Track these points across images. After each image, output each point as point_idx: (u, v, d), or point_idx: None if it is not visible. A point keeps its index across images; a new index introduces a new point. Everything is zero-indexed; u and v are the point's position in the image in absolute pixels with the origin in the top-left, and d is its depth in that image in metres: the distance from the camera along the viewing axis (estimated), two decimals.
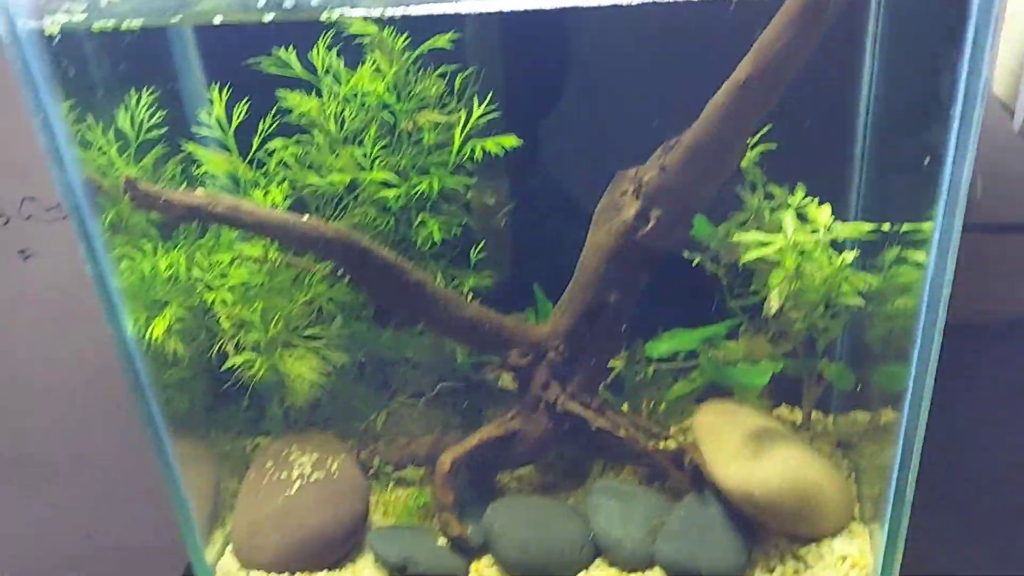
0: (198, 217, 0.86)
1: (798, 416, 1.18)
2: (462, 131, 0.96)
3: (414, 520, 1.09)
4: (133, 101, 0.96)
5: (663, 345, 1.11)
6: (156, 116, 0.97)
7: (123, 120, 0.95)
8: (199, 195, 0.86)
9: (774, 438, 0.98)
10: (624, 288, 0.96)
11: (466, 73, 0.97)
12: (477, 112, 0.95)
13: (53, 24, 0.76)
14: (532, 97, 1.03)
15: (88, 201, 0.82)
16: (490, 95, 0.96)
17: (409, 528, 1.07)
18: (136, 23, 0.81)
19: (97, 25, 0.80)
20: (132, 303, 0.91)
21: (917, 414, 0.84)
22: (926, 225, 0.88)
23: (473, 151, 0.97)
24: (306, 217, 0.89)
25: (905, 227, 0.88)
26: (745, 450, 0.96)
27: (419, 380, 1.12)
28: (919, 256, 0.91)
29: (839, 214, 0.96)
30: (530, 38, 1.01)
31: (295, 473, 1.06)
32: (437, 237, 0.99)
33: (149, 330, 0.92)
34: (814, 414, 1.16)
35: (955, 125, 0.70)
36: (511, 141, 0.94)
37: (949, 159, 0.71)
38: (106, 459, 1.38)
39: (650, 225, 0.91)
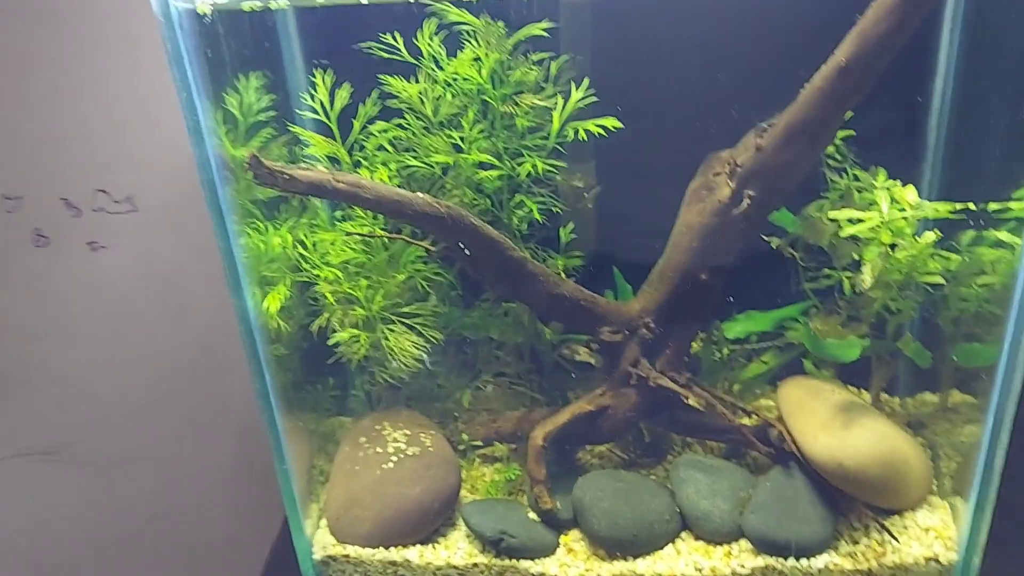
0: (319, 193, 0.90)
1: (866, 397, 1.21)
2: (560, 114, 1.00)
3: (501, 495, 1.13)
4: (243, 84, 1.00)
5: (738, 326, 1.15)
6: (264, 99, 1.01)
7: (232, 103, 0.99)
8: (322, 171, 0.90)
9: (861, 411, 1.01)
10: (714, 267, 1.00)
11: (559, 60, 1.01)
12: (576, 96, 0.99)
13: (203, 4, 0.80)
14: (619, 83, 1.06)
15: (220, 176, 0.85)
16: (585, 81, 0.99)
17: (501, 502, 1.10)
18: (281, 2, 0.84)
19: (246, 4, 0.83)
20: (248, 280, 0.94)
21: (1009, 388, 0.87)
22: (1012, 204, 0.93)
23: (568, 135, 1.01)
24: (420, 195, 0.93)
25: (991, 206, 0.92)
26: (834, 422, 1.00)
27: (503, 359, 1.16)
28: (1001, 235, 0.96)
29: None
30: (617, 25, 1.06)
31: (391, 448, 1.09)
32: (538, 217, 1.03)
33: (265, 305, 0.95)
34: (887, 396, 1.20)
35: None
36: (612, 123, 0.98)
37: None
38: (173, 451, 1.41)
39: (744, 205, 0.95)
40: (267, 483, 1.30)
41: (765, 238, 1.08)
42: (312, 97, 1.01)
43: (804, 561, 0.99)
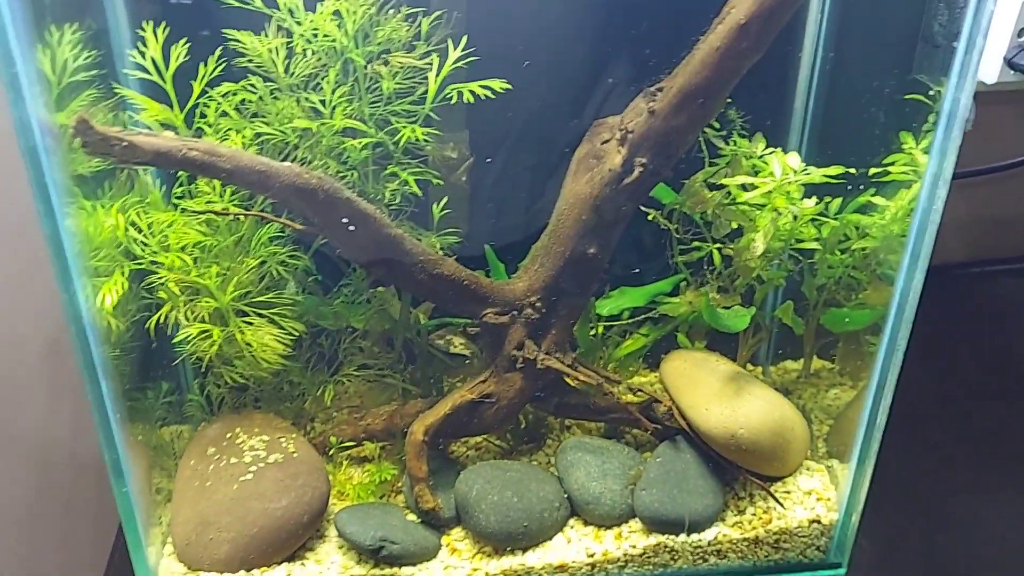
0: (166, 163, 0.76)
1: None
2: (437, 76, 0.91)
3: (373, 498, 1.03)
4: (55, 39, 0.82)
5: (611, 302, 1.11)
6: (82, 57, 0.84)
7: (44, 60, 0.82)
8: (169, 137, 0.75)
9: (748, 381, 1.01)
10: (603, 240, 0.95)
11: (431, 17, 0.92)
12: (454, 55, 0.90)
13: None
14: (496, 42, 0.99)
15: (45, 143, 0.69)
16: (464, 39, 0.91)
17: (376, 506, 1.00)
18: None
19: None
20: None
21: (893, 349, 0.88)
22: (891, 169, 0.95)
23: (451, 99, 0.92)
24: (288, 164, 0.81)
25: (872, 171, 0.94)
26: (723, 394, 0.98)
27: (369, 350, 1.05)
28: (878, 200, 0.98)
29: None
30: None
31: (248, 457, 0.96)
32: (415, 190, 0.93)
33: (100, 300, 0.79)
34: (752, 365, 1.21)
35: (957, 61, 0.74)
36: (499, 84, 0.90)
37: (949, 95, 0.76)
38: None
39: (636, 173, 0.90)
40: (80, 513, 1.12)
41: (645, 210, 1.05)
42: (142, 55, 0.85)
43: (695, 536, 0.98)
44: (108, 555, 1.08)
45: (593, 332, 1.11)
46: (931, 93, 0.86)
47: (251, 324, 0.93)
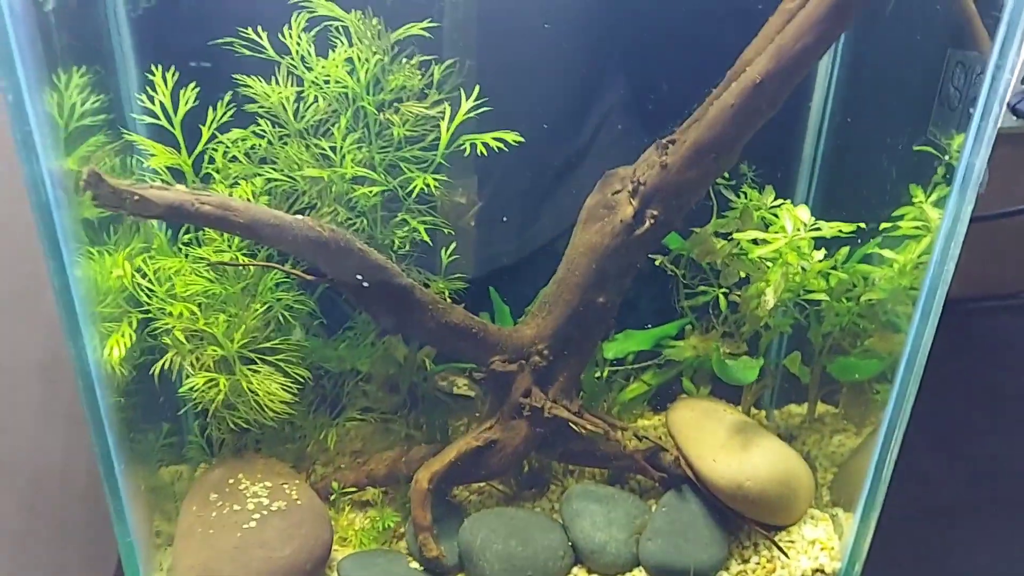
0: (178, 217, 0.75)
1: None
2: (449, 125, 0.91)
3: (375, 545, 1.02)
4: (63, 82, 0.81)
5: (617, 346, 1.11)
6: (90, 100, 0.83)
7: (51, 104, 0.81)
8: (181, 191, 0.75)
9: (754, 431, 1.01)
10: (613, 289, 0.95)
11: (444, 65, 0.92)
12: (466, 104, 0.90)
13: None
14: (505, 91, 0.99)
15: (56, 196, 0.68)
16: (476, 88, 0.91)
17: (380, 553, 0.99)
18: None
19: None
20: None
21: (903, 400, 0.88)
22: (901, 223, 0.95)
23: (464, 149, 0.92)
24: (300, 217, 0.80)
25: (883, 226, 0.94)
26: (731, 444, 0.98)
27: (374, 394, 1.05)
28: (886, 252, 0.98)
29: None
30: (506, 28, 0.98)
31: (251, 504, 0.95)
32: (425, 238, 0.92)
33: (107, 351, 0.78)
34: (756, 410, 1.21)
35: (973, 126, 0.75)
36: (512, 137, 0.90)
37: (967, 152, 0.76)
38: None
39: (647, 224, 0.90)
40: (72, 537, 1.10)
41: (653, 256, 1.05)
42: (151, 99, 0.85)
43: None
44: None
45: (598, 375, 1.11)
46: (943, 144, 0.87)
47: (257, 371, 0.92)
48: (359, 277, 0.82)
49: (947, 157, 0.88)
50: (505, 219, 1.07)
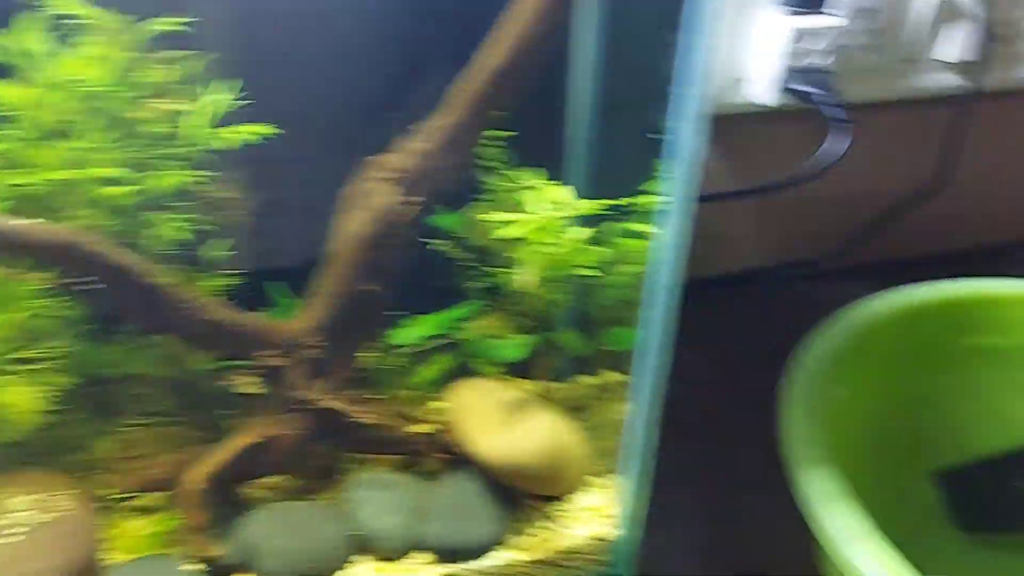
0: None
1: (538, 388, 1.25)
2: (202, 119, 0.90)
3: (157, 549, 1.00)
4: None
5: (405, 332, 1.12)
6: None
7: None
8: None
9: (524, 407, 1.04)
10: (382, 276, 0.96)
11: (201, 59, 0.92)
12: (222, 98, 0.90)
13: None
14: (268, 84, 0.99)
15: None
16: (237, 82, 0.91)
17: (148, 559, 0.97)
18: None
19: None
20: None
21: (656, 369, 0.93)
22: (649, 199, 1.00)
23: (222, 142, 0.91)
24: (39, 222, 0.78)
25: (638, 200, 0.98)
26: (500, 421, 1.01)
27: (153, 396, 1.03)
28: (634, 226, 1.03)
29: None
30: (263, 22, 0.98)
31: (14, 518, 0.92)
32: (171, 236, 0.91)
33: None
34: (552, 384, 1.24)
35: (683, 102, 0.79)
36: (268, 130, 0.90)
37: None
38: None
39: (412, 210, 0.92)
40: None
41: (427, 240, 1.06)
42: None
43: (482, 562, 1.00)
44: None
45: (388, 363, 1.12)
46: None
47: (9, 384, 0.89)
48: (92, 279, 0.81)
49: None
50: (282, 212, 1.06)
